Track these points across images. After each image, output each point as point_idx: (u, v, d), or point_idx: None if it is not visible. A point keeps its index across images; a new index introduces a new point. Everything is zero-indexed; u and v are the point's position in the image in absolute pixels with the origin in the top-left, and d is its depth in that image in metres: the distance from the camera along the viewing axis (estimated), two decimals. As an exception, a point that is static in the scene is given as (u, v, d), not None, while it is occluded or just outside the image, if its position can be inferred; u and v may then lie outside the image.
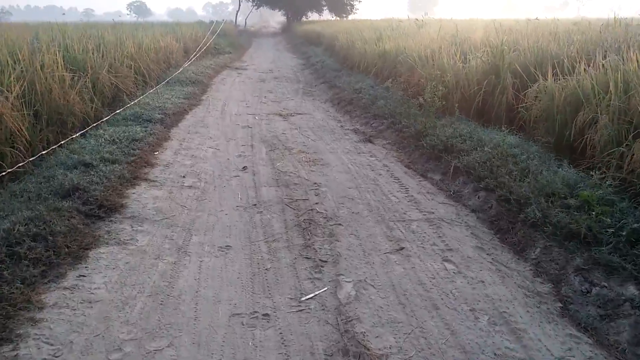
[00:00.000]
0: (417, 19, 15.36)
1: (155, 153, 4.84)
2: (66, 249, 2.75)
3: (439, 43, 7.63)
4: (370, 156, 5.25)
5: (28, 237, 2.69)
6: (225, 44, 18.92)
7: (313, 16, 43.24)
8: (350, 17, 39.20)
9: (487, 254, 3.12)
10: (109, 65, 7.00)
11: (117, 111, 5.97)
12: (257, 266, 2.90)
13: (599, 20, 9.71)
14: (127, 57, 8.14)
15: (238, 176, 4.47)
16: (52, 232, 2.81)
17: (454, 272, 2.86)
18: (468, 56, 6.55)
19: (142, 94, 7.43)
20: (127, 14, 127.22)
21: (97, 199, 3.44)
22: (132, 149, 4.64)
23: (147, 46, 9.38)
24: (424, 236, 3.32)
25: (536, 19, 10.16)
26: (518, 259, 3.11)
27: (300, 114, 7.48)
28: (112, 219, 3.37)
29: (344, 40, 13.08)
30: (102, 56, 7.17)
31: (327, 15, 42.36)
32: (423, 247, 3.16)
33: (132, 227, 3.29)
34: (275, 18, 73.00)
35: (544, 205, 3.36)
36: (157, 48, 10.03)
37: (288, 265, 2.91)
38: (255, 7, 41.70)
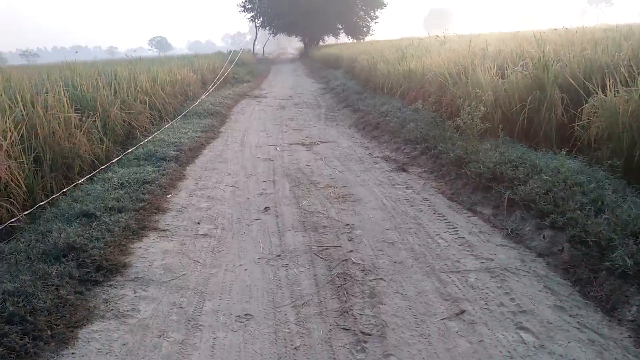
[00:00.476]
0: (437, 36, 14.91)
1: (168, 196, 4.37)
2: (49, 331, 2.24)
3: (469, 58, 7.07)
4: (407, 188, 4.67)
5: (1, 319, 2.19)
6: (243, 72, 18.81)
7: (329, 40, 43.43)
8: (367, 38, 39.16)
9: (571, 316, 2.48)
10: (121, 102, 6.68)
11: (129, 150, 5.58)
12: (283, 343, 2.33)
13: (635, 26, 9.02)
14: (141, 92, 7.85)
15: (259, 219, 3.95)
16: (34, 310, 2.31)
17: (535, 347, 2.23)
18: (506, 71, 5.96)
19: (158, 130, 7.08)
20: (149, 49, 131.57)
21: (95, 259, 2.95)
22: (142, 193, 4.18)
23: (162, 80, 9.12)
24: (486, 293, 2.69)
25: (564, 28, 9.50)
26: (610, 321, 2.45)
27: (324, 142, 6.98)
28: (111, 282, 2.87)
29: (364, 61, 12.66)
30: (115, 93, 6.86)
31: (343, 38, 42.47)
32: (489, 309, 2.54)
33: (134, 293, 2.78)
34: (293, 44, 74.01)
35: (633, 249, 2.71)
36: (173, 81, 9.77)
37: (322, 342, 2.33)
38: (272, 35, 42.13)
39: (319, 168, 5.49)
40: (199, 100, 10.17)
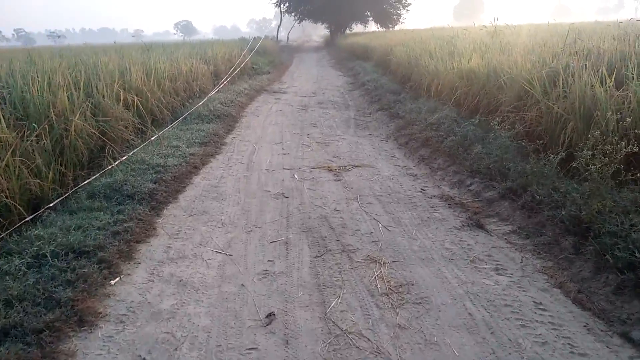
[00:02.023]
0: (484, 26, 12.93)
1: (112, 283, 2.71)
2: None
3: (561, 57, 5.20)
4: (497, 271, 2.91)
5: None
6: (264, 62, 17.13)
7: (357, 28, 41.27)
8: (397, 27, 36.92)
9: None
10: (93, 107, 5.08)
11: (83, 183, 3.94)
12: None
13: None
14: (128, 90, 6.24)
15: (256, 348, 2.26)
16: None
17: None
18: (626, 80, 4.11)
19: (143, 143, 5.46)
20: (174, 34, 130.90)
21: None
22: (69, 280, 2.55)
23: (159, 74, 7.47)
24: None
25: (630, 19, 7.40)
26: None
27: (357, 166, 5.23)
28: None
29: (402, 54, 10.79)
30: (87, 93, 5.26)
31: (371, 26, 40.26)
32: None
33: None
34: (318, 32, 71.85)
35: None
36: (174, 75, 8.12)
37: None
38: (298, 22, 40.23)
39: (353, 217, 3.77)
40: (206, 98, 8.52)
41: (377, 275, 2.84)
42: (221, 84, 9.97)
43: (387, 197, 4.22)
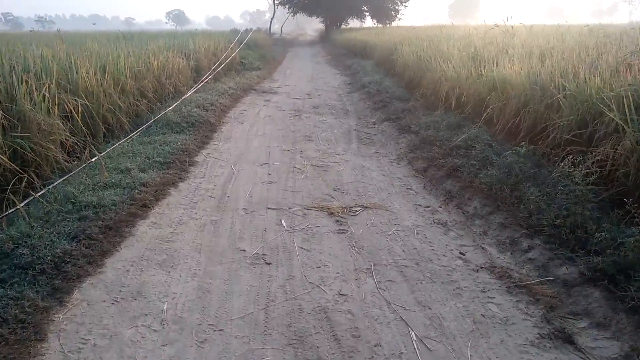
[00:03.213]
0: (497, 25, 11.69)
1: None
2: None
3: (612, 63, 3.92)
4: None
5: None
6: (254, 57, 15.70)
7: (353, 23, 39.84)
8: (394, 24, 35.57)
9: None
10: (10, 117, 3.69)
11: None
12: None
13: None
14: (72, 93, 4.85)
15: None
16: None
17: None
18: None
19: (84, 163, 4.08)
20: (166, 22, 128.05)
21: None
22: None
23: (120, 70, 6.06)
24: None
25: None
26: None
27: (367, 206, 3.87)
28: None
29: (409, 55, 9.46)
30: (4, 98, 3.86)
31: (367, 22, 38.85)
32: None
33: None
34: (312, 25, 70.14)
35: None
36: (140, 72, 6.70)
37: None
38: (292, 15, 38.66)
39: (368, 314, 2.45)
40: (181, 100, 7.13)
41: None
42: (201, 82, 8.55)
43: (414, 269, 2.91)
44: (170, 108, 6.42)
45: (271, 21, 35.33)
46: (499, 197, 3.73)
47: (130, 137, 5.26)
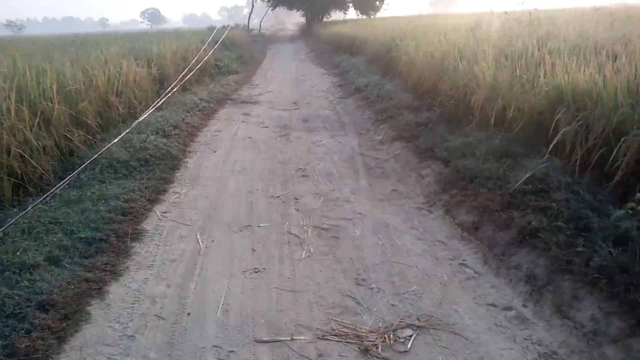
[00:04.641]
0: (506, 12, 10.31)
1: None
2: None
3: None
4: None
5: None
6: (231, 58, 14.02)
7: (336, 15, 38.14)
8: (378, 15, 34.01)
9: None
10: None
11: None
12: None
13: None
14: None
15: None
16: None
17: None
18: None
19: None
20: (141, 22, 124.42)
21: None
22: None
23: (46, 92, 4.40)
24: None
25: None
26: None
27: (419, 326, 2.35)
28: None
29: (416, 52, 7.92)
30: None
31: (351, 13, 37.17)
32: None
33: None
34: (292, 19, 68.16)
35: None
36: (77, 92, 5.03)
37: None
38: (271, 8, 36.80)
39: None
40: (134, 124, 5.50)
41: None
42: (164, 96, 6.88)
43: None
44: (117, 139, 4.79)
45: (249, 16, 33.53)
46: (629, 299, 2.24)
47: (51, 194, 3.64)
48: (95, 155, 4.25)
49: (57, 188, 3.71)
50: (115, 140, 4.77)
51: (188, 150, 5.44)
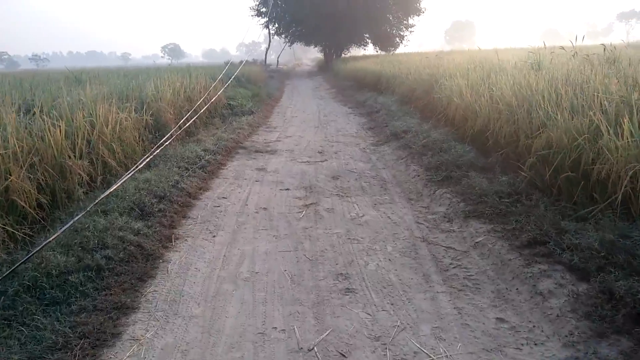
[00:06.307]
0: (562, 47, 8.68)
1: None
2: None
3: None
4: None
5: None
6: (245, 96, 12.57)
7: (353, 51, 37.16)
8: (398, 51, 32.91)
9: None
10: None
11: None
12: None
13: None
14: None
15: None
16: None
17: None
18: None
19: None
20: (162, 57, 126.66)
21: None
22: None
23: None
24: None
25: None
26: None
27: None
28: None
29: (472, 95, 6.26)
30: None
31: (370, 49, 36.17)
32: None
33: None
34: (309, 55, 68.02)
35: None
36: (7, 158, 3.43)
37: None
38: (289, 45, 36.05)
39: None
40: (100, 197, 3.87)
41: None
42: (149, 154, 5.22)
43: None
44: (62, 230, 3.12)
45: (267, 52, 32.72)
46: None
47: None
48: (7, 272, 2.58)
49: None
50: (61, 231, 3.10)
51: (174, 236, 3.76)
